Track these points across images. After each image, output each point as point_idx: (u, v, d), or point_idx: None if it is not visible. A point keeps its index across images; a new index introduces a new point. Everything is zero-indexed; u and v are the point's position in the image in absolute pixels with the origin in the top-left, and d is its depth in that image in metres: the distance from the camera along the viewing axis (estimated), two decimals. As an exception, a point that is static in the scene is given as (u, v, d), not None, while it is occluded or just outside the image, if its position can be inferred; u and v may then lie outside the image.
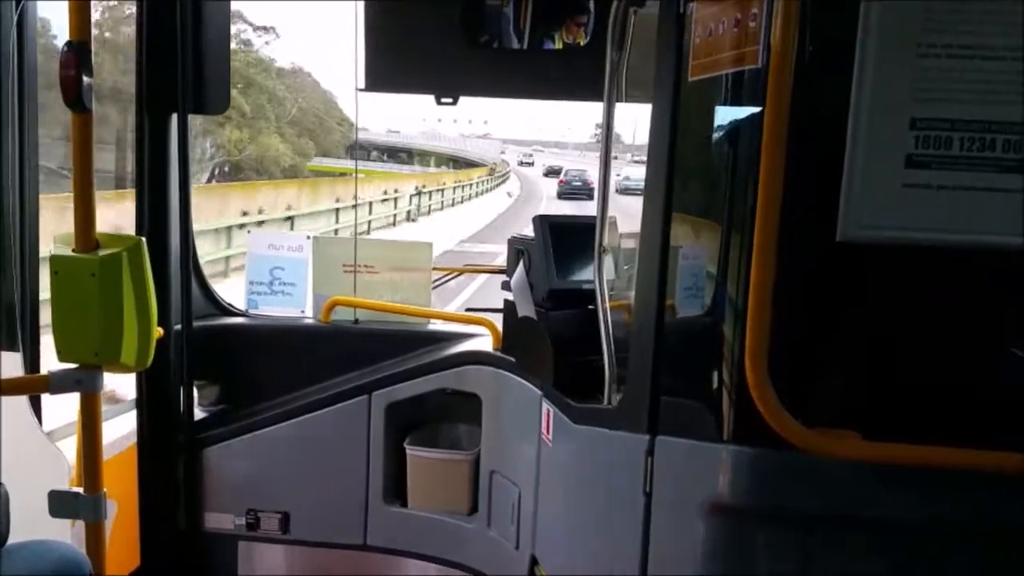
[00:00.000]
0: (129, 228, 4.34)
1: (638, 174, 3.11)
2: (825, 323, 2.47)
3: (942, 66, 2.14)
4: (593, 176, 64.16)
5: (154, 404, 4.50)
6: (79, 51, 2.85)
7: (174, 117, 4.35)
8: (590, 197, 56.40)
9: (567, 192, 61.17)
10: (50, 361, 3.17)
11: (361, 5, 4.06)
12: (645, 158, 2.78)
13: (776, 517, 2.47)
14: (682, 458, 2.64)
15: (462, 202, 52.37)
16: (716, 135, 2.58)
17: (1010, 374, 2.51)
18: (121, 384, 4.76)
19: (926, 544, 2.42)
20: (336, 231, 29.02)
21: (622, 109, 3.27)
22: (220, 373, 4.83)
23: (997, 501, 2.35)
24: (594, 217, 3.34)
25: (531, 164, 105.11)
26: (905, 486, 2.35)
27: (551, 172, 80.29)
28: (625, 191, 3.22)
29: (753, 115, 2.36)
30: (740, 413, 2.41)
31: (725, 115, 2.54)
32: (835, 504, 2.42)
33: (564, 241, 3.90)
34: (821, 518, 2.44)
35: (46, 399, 3.80)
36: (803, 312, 2.41)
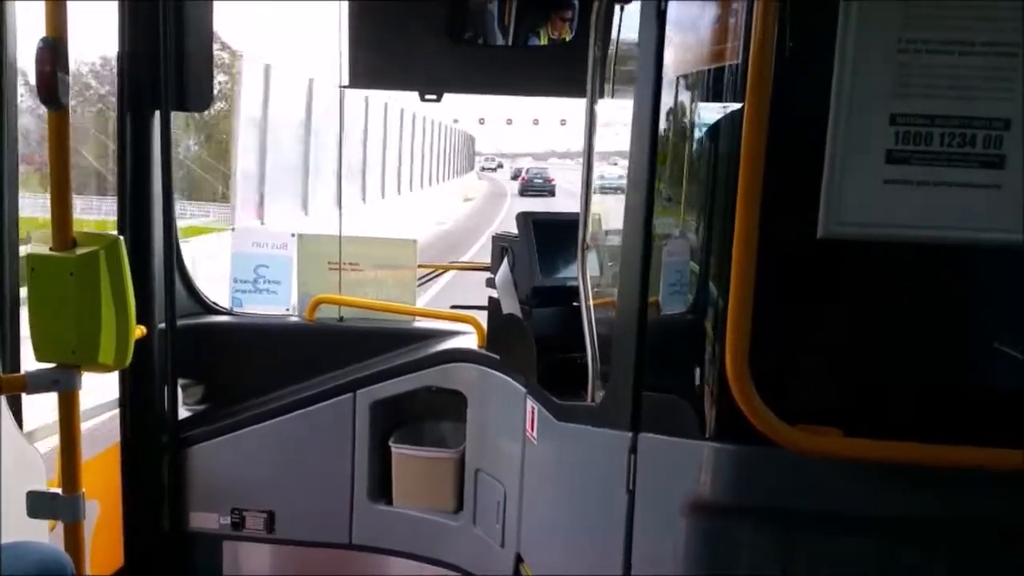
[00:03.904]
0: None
1: (610, 172, 3.11)
2: (807, 320, 2.47)
3: (921, 61, 2.15)
4: (553, 174, 64.33)
5: (138, 403, 4.48)
6: (55, 48, 2.83)
7: (156, 115, 4.33)
8: (552, 194, 56.82)
9: (529, 189, 61.81)
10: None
11: (345, 2, 4.06)
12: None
13: (758, 514, 2.48)
14: (665, 455, 2.64)
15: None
16: (697, 131, 2.58)
17: (993, 370, 2.52)
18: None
19: (908, 541, 2.43)
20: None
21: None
22: (204, 372, 4.81)
23: (979, 497, 2.36)
24: (578, 214, 3.34)
25: (494, 169, 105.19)
26: (887, 483, 2.36)
27: (518, 175, 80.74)
28: (598, 189, 3.22)
29: (733, 111, 2.35)
30: (722, 410, 2.42)
31: (706, 111, 2.54)
32: (817, 501, 2.43)
33: (548, 238, 3.90)
34: (803, 515, 2.45)
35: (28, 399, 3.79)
36: (785, 309, 2.41)
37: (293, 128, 22.13)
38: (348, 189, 26.08)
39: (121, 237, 3.01)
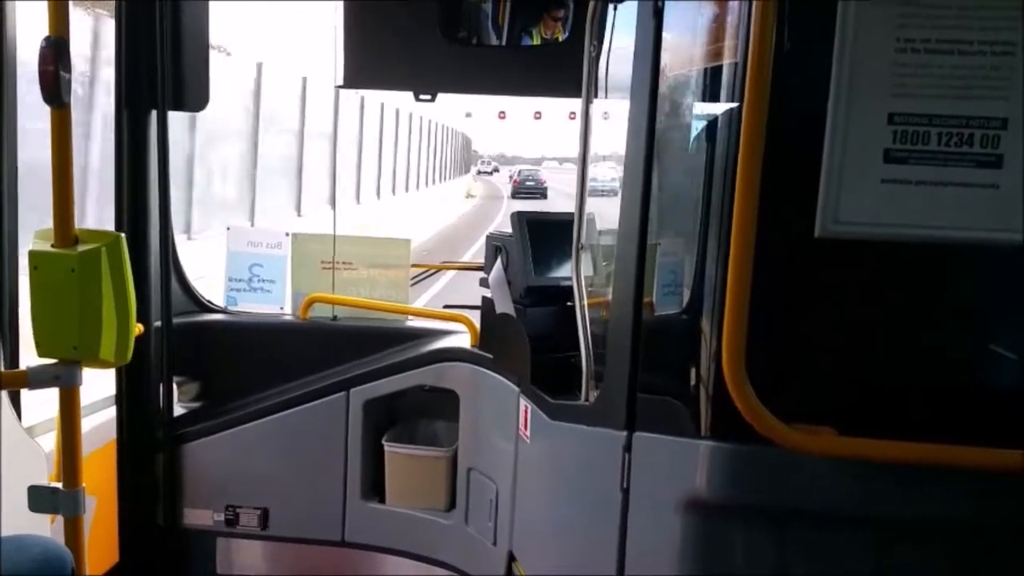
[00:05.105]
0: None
1: (604, 175, 3.11)
2: (803, 319, 2.49)
3: (920, 61, 2.16)
4: (545, 176, 63.61)
5: (133, 400, 4.49)
6: (57, 47, 2.85)
7: (153, 114, 4.34)
8: (544, 196, 56.56)
9: (521, 191, 61.60)
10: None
11: (339, 1, 4.07)
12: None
13: (753, 513, 2.49)
14: (659, 454, 2.64)
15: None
16: (694, 130, 2.59)
17: (987, 371, 2.54)
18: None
19: (904, 540, 2.44)
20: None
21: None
22: (199, 369, 4.83)
23: (974, 497, 2.37)
24: (571, 213, 3.35)
25: (490, 173, 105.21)
26: (882, 482, 2.37)
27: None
28: (591, 192, 3.22)
29: (731, 110, 2.37)
30: (718, 409, 2.43)
31: (703, 110, 2.55)
32: (812, 500, 2.43)
33: (542, 238, 3.91)
34: (798, 514, 2.45)
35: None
36: (781, 308, 2.42)
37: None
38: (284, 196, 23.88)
39: (123, 235, 3.03)
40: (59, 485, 3.13)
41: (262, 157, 21.10)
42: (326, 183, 25.69)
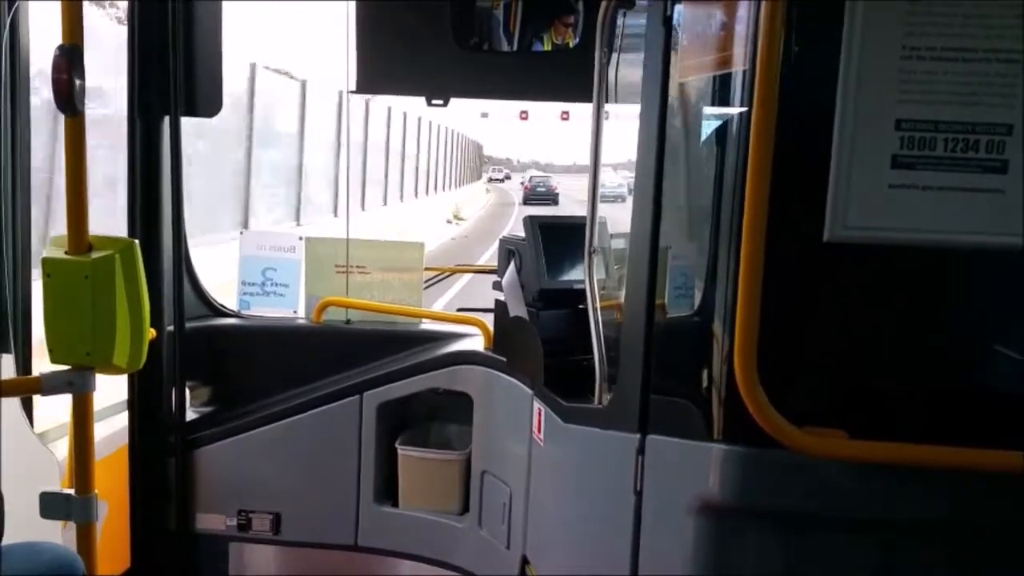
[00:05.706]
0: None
1: (612, 180, 3.12)
2: (814, 323, 2.49)
3: (926, 68, 2.17)
4: (556, 182, 63.05)
5: (146, 405, 4.51)
6: (71, 55, 2.86)
7: (166, 119, 4.36)
8: (555, 202, 56.28)
9: (532, 198, 61.22)
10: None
11: (352, 6, 4.08)
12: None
13: (765, 515, 2.50)
14: (672, 457, 2.65)
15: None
16: (704, 136, 2.60)
17: (994, 372, 2.54)
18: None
19: (913, 542, 2.45)
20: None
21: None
22: (212, 374, 4.83)
23: (983, 499, 2.38)
24: (584, 217, 3.36)
25: (501, 180, 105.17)
26: (891, 485, 2.37)
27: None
28: (600, 198, 3.23)
29: (740, 116, 2.38)
30: (730, 412, 2.44)
31: (713, 116, 2.56)
32: (823, 502, 2.44)
33: (555, 241, 3.92)
34: (810, 516, 2.46)
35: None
36: (792, 312, 2.43)
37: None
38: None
39: (136, 241, 3.04)
40: (71, 491, 3.14)
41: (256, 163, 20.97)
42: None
